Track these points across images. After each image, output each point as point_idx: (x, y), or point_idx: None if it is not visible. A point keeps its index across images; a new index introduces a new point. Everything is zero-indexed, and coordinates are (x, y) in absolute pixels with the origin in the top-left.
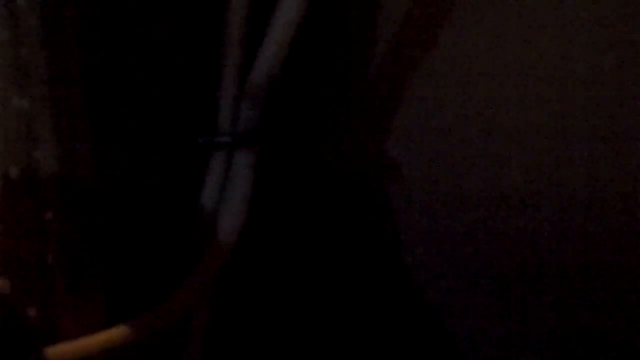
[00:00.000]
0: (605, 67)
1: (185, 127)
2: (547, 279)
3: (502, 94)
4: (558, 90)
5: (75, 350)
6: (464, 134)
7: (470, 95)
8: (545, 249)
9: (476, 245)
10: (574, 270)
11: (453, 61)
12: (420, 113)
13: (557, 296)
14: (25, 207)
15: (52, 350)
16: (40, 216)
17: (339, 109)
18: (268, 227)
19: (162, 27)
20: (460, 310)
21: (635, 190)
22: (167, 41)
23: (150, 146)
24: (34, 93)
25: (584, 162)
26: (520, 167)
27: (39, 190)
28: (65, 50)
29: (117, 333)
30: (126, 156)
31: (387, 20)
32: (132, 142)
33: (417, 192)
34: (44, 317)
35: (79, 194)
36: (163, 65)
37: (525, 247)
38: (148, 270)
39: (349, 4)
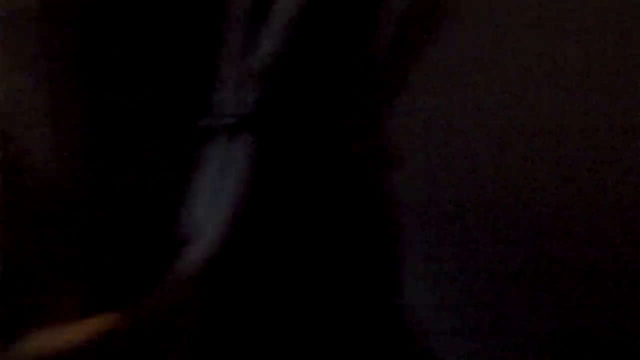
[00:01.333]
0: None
1: (183, 113)
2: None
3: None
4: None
5: (59, 335)
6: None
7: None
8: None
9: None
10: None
11: (459, 57)
12: (423, 107)
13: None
14: (15, 194)
15: (38, 335)
16: (29, 203)
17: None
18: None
19: (161, 8)
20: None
21: (636, 189)
22: (165, 22)
23: (146, 136)
24: (29, 73)
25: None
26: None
27: (30, 177)
28: (62, 29)
29: (96, 322)
30: (121, 145)
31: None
32: (127, 131)
33: (418, 183)
34: (34, 304)
35: (70, 182)
36: (161, 48)
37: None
38: (137, 261)
39: None
